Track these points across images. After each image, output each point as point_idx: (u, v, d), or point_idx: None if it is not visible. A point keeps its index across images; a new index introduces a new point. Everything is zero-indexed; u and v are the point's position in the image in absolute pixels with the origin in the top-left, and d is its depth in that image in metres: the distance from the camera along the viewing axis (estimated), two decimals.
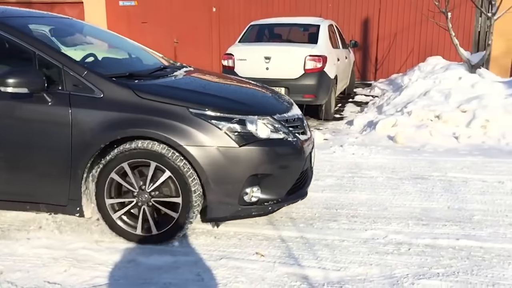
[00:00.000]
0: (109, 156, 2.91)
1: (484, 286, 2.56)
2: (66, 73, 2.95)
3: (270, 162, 3.01)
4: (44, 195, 3.05)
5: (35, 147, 2.96)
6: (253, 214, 3.09)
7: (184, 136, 2.86)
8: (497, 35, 11.39)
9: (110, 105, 2.92)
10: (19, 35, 3.02)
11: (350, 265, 2.79)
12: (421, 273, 2.69)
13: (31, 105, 2.93)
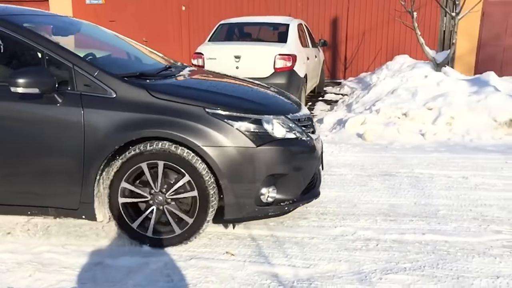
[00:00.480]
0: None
1: (449, 279, 2.63)
2: (77, 73, 2.87)
3: (286, 162, 2.99)
4: (54, 198, 2.94)
5: (45, 149, 2.86)
6: (270, 215, 3.05)
7: (202, 137, 2.82)
8: (461, 34, 11.69)
9: (124, 105, 2.85)
10: (25, 33, 2.92)
11: (320, 262, 2.82)
12: (388, 268, 2.74)
13: (41, 106, 2.83)
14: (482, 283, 2.58)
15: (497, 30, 12.24)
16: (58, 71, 2.88)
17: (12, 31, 2.90)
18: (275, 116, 3.04)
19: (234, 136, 2.86)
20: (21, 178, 2.93)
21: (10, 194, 2.97)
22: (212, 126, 2.85)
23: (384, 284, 2.57)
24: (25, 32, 2.92)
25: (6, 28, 2.90)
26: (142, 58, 3.93)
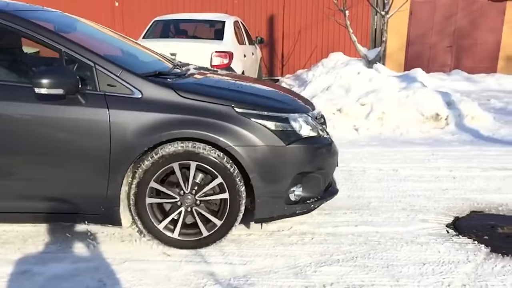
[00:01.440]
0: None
1: (379, 268, 2.73)
2: (99, 72, 2.74)
3: (313, 160, 2.98)
4: (76, 204, 2.80)
5: (69, 153, 2.71)
6: (297, 213, 3.03)
7: (233, 136, 2.77)
8: (391, 33, 12.19)
9: (151, 105, 2.75)
10: (42, 31, 2.75)
11: (256, 258, 2.84)
12: (323, 261, 2.80)
13: (64, 107, 2.68)
14: (410, 270, 2.70)
15: (424, 28, 12.88)
16: (78, 70, 2.73)
17: (28, 29, 2.74)
18: (299, 114, 3.03)
19: (264, 135, 2.83)
20: (42, 184, 2.76)
21: (30, 200, 2.80)
22: (242, 125, 2.80)
23: (318, 277, 2.63)
24: (42, 30, 2.76)
25: (22, 26, 2.74)
26: (146, 56, 3.67)
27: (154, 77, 2.93)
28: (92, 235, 3.09)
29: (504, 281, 2.58)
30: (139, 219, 2.86)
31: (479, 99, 8.99)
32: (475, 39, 12.97)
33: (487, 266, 2.75)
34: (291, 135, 2.91)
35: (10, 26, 2.73)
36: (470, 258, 2.84)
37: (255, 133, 2.81)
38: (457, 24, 12.91)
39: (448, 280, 2.59)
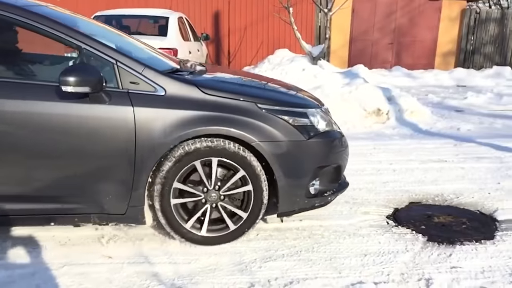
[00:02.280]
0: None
1: (323, 261, 2.78)
2: (121, 70, 2.68)
3: (330, 153, 3.06)
4: (100, 204, 2.75)
5: (93, 153, 2.65)
6: (316, 206, 3.09)
7: (257, 132, 2.80)
8: (335, 30, 12.46)
9: (175, 103, 2.73)
10: (62, 28, 2.66)
11: (201, 256, 2.81)
12: (268, 256, 2.82)
13: (88, 106, 2.60)
14: (352, 262, 2.77)
15: (366, 26, 13.25)
16: (100, 68, 2.65)
17: (44, 25, 2.64)
18: (315, 109, 3.09)
19: (287, 131, 2.88)
20: (64, 185, 2.69)
21: (52, 202, 2.71)
22: (266, 121, 2.84)
23: (263, 272, 2.64)
24: (60, 27, 2.67)
25: (40, 23, 2.64)
26: (149, 53, 3.49)
27: (175, 74, 2.91)
28: (29, 239, 2.96)
29: (439, 268, 2.70)
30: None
31: (418, 94, 9.37)
32: (414, 37, 13.50)
33: (424, 255, 2.86)
34: (310, 129, 2.97)
35: (28, 23, 2.65)
36: (409, 248, 2.95)
37: (278, 128, 2.86)
38: (397, 22, 13.38)
39: (388, 270, 2.68)
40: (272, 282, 2.54)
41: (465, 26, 13.69)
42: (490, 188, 4.03)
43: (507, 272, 2.65)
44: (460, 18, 13.61)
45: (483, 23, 13.80)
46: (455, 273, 2.64)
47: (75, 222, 2.83)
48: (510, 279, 2.57)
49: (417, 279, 2.58)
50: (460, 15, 13.59)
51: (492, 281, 2.55)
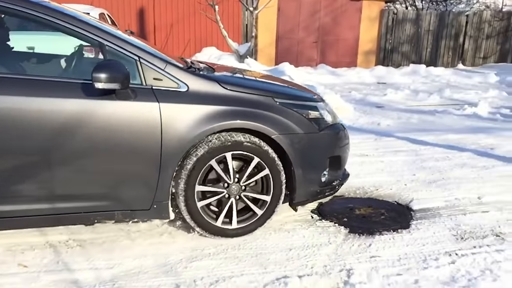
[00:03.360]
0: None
1: (249, 257, 2.80)
2: (144, 66, 2.70)
3: (337, 144, 3.23)
4: (125, 201, 2.76)
5: (120, 149, 2.64)
6: (326, 195, 3.27)
7: (277, 125, 2.92)
8: (262, 28, 12.60)
9: (198, 98, 2.79)
10: (84, 25, 2.64)
11: (125, 260, 2.73)
12: (194, 256, 2.79)
13: (114, 102, 2.59)
14: (277, 257, 2.81)
15: (291, 24, 13.51)
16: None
17: (66, 22, 2.61)
18: (323, 103, 3.30)
19: (302, 123, 3.02)
20: (92, 183, 2.68)
21: (79, 200, 2.69)
22: (284, 114, 2.97)
23: (189, 272, 2.62)
24: (84, 24, 2.65)
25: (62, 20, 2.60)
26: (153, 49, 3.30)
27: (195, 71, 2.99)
28: None
29: (359, 258, 2.81)
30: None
31: (341, 91, 9.72)
32: (337, 36, 13.96)
33: (346, 246, 2.97)
34: (321, 122, 3.14)
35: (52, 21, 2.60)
36: (331, 240, 3.05)
37: (294, 121, 2.99)
38: (321, 21, 13.77)
39: (312, 263, 2.75)
40: (198, 282, 2.52)
41: (384, 26, 14.37)
42: (407, 180, 4.26)
43: (421, 259, 2.80)
44: (379, 18, 14.26)
45: (400, 23, 14.55)
46: (374, 262, 2.76)
47: (99, 220, 2.81)
48: (424, 265, 2.73)
49: (339, 270, 2.67)
50: (379, 15, 14.24)
51: (407, 268, 2.70)
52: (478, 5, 19.15)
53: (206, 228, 2.95)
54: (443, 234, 3.14)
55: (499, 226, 3.26)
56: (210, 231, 2.96)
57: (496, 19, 15.03)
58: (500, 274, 2.61)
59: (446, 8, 17.80)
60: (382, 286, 2.51)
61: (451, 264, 2.73)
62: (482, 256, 2.82)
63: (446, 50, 15.00)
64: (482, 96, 9.43)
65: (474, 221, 3.35)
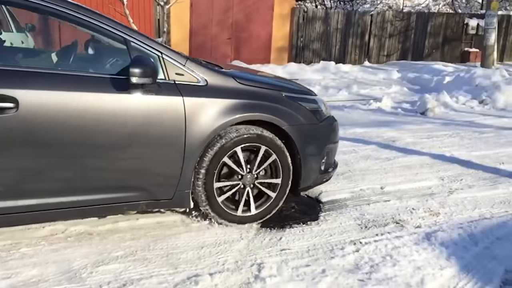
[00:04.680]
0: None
1: (159, 258, 2.73)
2: (167, 62, 2.83)
3: (332, 134, 3.54)
4: (150, 191, 2.87)
5: (149, 142, 2.76)
6: (324, 180, 3.60)
7: (286, 117, 3.16)
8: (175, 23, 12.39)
9: (217, 92, 2.95)
10: (108, 21, 2.72)
11: (23, 269, 2.55)
12: (100, 260, 2.68)
13: (143, 96, 2.71)
14: (188, 256, 2.77)
15: (205, 20, 13.43)
16: None
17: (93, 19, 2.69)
18: (319, 97, 3.59)
19: (306, 115, 3.29)
20: (121, 174, 2.78)
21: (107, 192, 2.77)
22: (291, 107, 3.23)
23: (95, 278, 2.50)
24: (109, 21, 2.73)
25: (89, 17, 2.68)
26: None
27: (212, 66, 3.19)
28: None
29: (270, 252, 2.85)
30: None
31: None
32: (251, 32, 14.09)
33: (257, 241, 3.00)
34: (320, 114, 3.45)
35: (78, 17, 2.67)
36: (243, 236, 3.07)
37: (300, 113, 3.26)
38: (234, 17, 13.82)
39: (223, 259, 2.74)
40: (104, 287, 2.42)
41: (295, 24, 14.74)
42: None
43: (328, 249, 2.91)
44: (291, 16, 14.61)
45: (310, 22, 15.01)
46: (284, 255, 2.82)
47: (124, 211, 2.95)
48: (331, 255, 2.84)
49: (250, 265, 2.69)
50: (290, 13, 14.57)
51: (315, 259, 2.79)
52: (381, 6, 20.30)
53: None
54: (349, 224, 3.29)
55: (399, 214, 3.48)
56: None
57: (397, 19, 16.01)
58: (399, 259, 2.78)
59: (353, 7, 18.67)
60: (291, 277, 2.57)
61: (355, 252, 2.86)
62: (383, 243, 2.99)
63: (354, 48, 15.71)
64: (386, 92, 10.00)
65: (376, 210, 3.54)
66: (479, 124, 6.98)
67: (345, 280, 2.56)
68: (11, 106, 2.41)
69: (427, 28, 16.31)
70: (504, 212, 3.56)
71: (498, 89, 8.78)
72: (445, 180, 4.28)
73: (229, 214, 3.12)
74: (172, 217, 3.28)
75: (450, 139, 5.93)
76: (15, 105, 2.42)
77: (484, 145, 5.66)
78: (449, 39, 16.66)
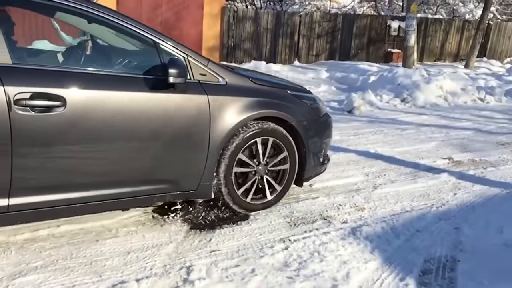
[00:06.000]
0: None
1: (83, 266, 2.61)
2: (192, 63, 3.04)
3: (330, 129, 3.91)
4: (178, 183, 3.08)
5: (179, 137, 2.98)
6: (321, 171, 3.91)
7: (294, 113, 3.47)
8: None
9: (236, 91, 3.20)
10: (140, 25, 2.92)
11: None
12: (17, 272, 2.51)
13: (175, 95, 2.92)
14: (114, 262, 2.67)
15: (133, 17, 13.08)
16: None
17: (126, 23, 2.88)
18: (316, 95, 3.93)
19: (308, 111, 3.64)
20: (154, 168, 2.96)
21: (141, 185, 2.96)
22: (297, 105, 3.56)
23: None
24: (140, 25, 2.93)
25: (123, 21, 2.88)
26: None
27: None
28: None
29: (199, 254, 2.82)
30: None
31: None
32: (181, 31, 13.90)
33: (187, 243, 2.96)
34: (319, 111, 3.78)
35: (111, 20, 2.84)
36: (172, 239, 3.01)
37: (304, 110, 3.60)
38: (164, 15, 13.59)
39: (151, 264, 2.67)
40: None
41: (226, 23, 14.73)
42: None
43: (258, 248, 2.92)
44: (221, 15, 14.58)
45: (241, 21, 15.06)
46: (214, 257, 2.79)
47: (153, 203, 3.14)
48: (260, 253, 2.85)
49: (179, 268, 2.64)
50: (220, 12, 14.54)
51: (245, 258, 2.79)
52: (310, 7, 20.79)
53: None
54: (279, 222, 3.33)
55: (327, 210, 3.57)
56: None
57: (325, 20, 16.46)
58: (326, 254, 2.85)
59: (282, 8, 18.96)
60: (221, 279, 2.55)
61: (284, 250, 2.89)
62: (311, 239, 3.05)
63: (284, 48, 15.96)
64: (315, 91, 10.24)
65: (305, 207, 3.61)
66: (401, 121, 7.34)
67: (274, 278, 2.58)
68: (59, 105, 2.56)
69: (353, 29, 16.90)
70: (423, 204, 3.76)
71: (418, 88, 9.28)
72: (370, 176, 4.45)
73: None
74: (97, 223, 3.15)
75: (375, 136, 6.18)
76: (62, 103, 2.56)
77: (405, 142, 5.95)
78: (373, 40, 17.37)
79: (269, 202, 3.51)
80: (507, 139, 6.36)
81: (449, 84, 9.73)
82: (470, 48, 16.54)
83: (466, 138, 6.30)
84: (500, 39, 19.53)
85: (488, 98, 9.74)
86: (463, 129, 6.92)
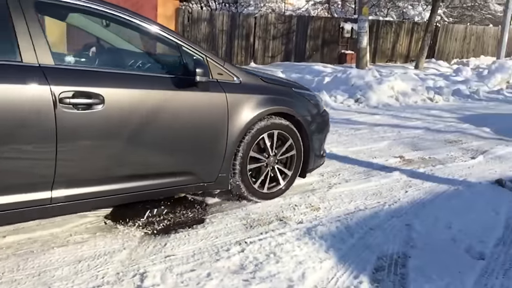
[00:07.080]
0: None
1: (30, 278, 2.50)
2: (211, 63, 3.27)
3: (328, 124, 4.22)
4: (200, 175, 3.33)
5: (201, 131, 3.24)
6: (321, 164, 4.19)
7: (300, 109, 3.79)
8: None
9: (249, 89, 3.48)
10: (164, 29, 3.17)
11: None
12: None
13: (198, 93, 3.16)
14: (64, 272, 2.58)
15: None
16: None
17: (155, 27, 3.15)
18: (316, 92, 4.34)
19: (311, 108, 3.96)
20: (178, 161, 3.22)
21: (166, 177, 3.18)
22: (301, 101, 3.88)
23: None
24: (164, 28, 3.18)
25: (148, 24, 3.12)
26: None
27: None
28: None
29: (154, 260, 2.76)
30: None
31: None
32: None
33: (141, 249, 2.89)
34: (320, 107, 4.10)
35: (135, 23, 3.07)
36: (126, 245, 2.93)
37: (307, 106, 3.92)
38: None
39: (103, 272, 2.60)
40: None
41: (180, 25, 14.61)
42: None
43: (213, 251, 2.90)
44: (175, 17, 14.44)
45: (196, 23, 14.98)
46: (168, 262, 2.74)
47: (176, 193, 3.47)
48: (216, 257, 2.82)
49: (132, 275, 2.58)
50: (175, 13, 14.41)
51: (201, 263, 2.75)
52: (265, 9, 20.92)
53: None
54: (235, 225, 3.31)
55: (283, 211, 3.58)
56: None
57: (280, 22, 16.61)
58: (282, 255, 2.86)
59: (237, 10, 18.99)
60: (176, 284, 2.51)
61: (240, 253, 2.88)
62: (267, 241, 3.05)
63: (240, 49, 16.00)
64: None
65: (261, 209, 3.61)
66: (355, 121, 7.50)
67: (230, 281, 2.56)
68: (98, 102, 2.72)
69: (307, 31, 17.15)
70: (376, 203, 3.84)
71: (371, 89, 9.51)
72: (325, 176, 4.51)
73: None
74: (45, 232, 3.04)
75: (330, 136, 6.23)
76: (101, 101, 2.73)
77: (359, 141, 6.08)
78: (327, 42, 17.69)
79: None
80: (455, 137, 6.61)
81: (400, 85, 10.03)
82: (419, 50, 17.12)
83: (417, 137, 6.51)
84: (448, 40, 20.34)
85: (436, 98, 10.11)
86: (413, 128, 7.15)
